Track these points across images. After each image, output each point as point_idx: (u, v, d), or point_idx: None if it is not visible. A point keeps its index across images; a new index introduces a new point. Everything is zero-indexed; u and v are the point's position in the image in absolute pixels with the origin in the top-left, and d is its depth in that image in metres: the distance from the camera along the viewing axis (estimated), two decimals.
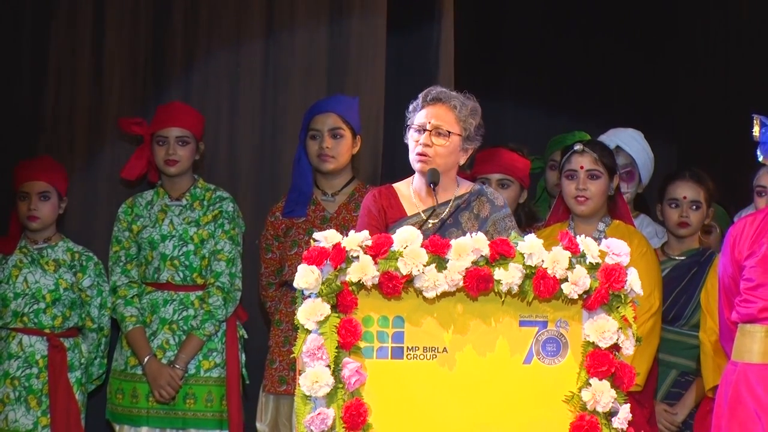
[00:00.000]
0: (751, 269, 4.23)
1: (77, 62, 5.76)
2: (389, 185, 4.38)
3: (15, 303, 5.22)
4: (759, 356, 4.18)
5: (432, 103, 4.26)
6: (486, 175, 5.26)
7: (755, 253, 4.24)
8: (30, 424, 5.17)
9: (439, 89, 4.30)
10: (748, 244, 4.27)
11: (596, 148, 4.92)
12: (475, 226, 4.24)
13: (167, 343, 5.21)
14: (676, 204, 5.23)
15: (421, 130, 4.24)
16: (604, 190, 4.90)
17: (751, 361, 4.19)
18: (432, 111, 4.24)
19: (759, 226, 4.29)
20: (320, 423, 3.62)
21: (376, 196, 4.32)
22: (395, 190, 4.34)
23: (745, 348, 4.22)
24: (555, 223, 5.00)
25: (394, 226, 4.16)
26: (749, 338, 4.21)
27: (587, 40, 7.41)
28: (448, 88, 4.39)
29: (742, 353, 4.23)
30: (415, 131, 4.25)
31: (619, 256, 3.73)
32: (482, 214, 4.30)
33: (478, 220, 4.28)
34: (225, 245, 5.25)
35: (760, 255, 4.22)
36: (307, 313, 3.65)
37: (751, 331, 4.21)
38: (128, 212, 5.33)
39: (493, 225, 4.28)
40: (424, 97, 4.27)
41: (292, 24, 5.95)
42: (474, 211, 4.29)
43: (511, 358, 3.74)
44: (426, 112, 4.24)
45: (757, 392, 4.17)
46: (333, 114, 5.28)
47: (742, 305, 4.24)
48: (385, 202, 4.29)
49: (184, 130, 5.29)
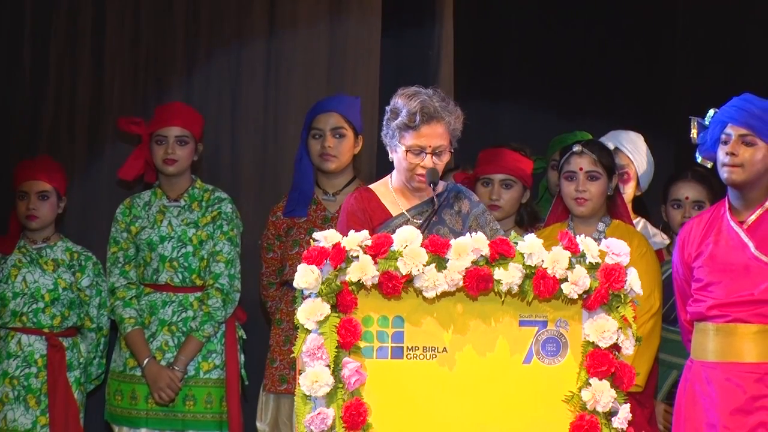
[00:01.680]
0: (699, 269, 4.32)
1: (77, 62, 5.76)
2: (367, 188, 4.35)
3: (14, 302, 5.22)
4: (712, 354, 4.28)
5: (427, 122, 4.16)
6: (489, 176, 5.26)
7: (702, 253, 4.33)
8: (29, 424, 5.17)
9: (429, 104, 4.17)
10: (695, 245, 4.36)
11: (595, 148, 4.92)
12: (458, 222, 4.25)
13: (166, 345, 5.21)
14: (679, 205, 5.25)
15: (419, 152, 4.18)
16: (603, 191, 4.90)
17: (705, 359, 4.30)
18: (429, 131, 4.17)
19: (705, 227, 4.36)
20: (320, 423, 3.62)
21: (357, 198, 4.29)
22: (375, 193, 4.31)
23: (700, 346, 4.33)
24: (554, 223, 5.00)
25: (381, 227, 4.17)
26: (703, 336, 4.31)
27: (587, 39, 7.41)
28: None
29: (697, 351, 4.34)
30: (411, 153, 4.18)
31: (618, 256, 3.73)
32: (463, 210, 4.31)
33: (461, 216, 4.29)
34: (224, 246, 5.24)
35: (707, 255, 4.31)
36: (306, 313, 3.65)
37: (703, 330, 4.31)
38: (126, 213, 5.32)
39: (475, 220, 4.29)
40: (422, 116, 4.15)
41: (293, 24, 5.95)
42: (455, 207, 4.30)
43: (510, 358, 3.73)
44: (423, 133, 4.17)
45: (709, 390, 4.26)
46: (335, 113, 5.28)
47: (693, 305, 4.35)
48: (368, 205, 4.27)
49: (183, 129, 5.28)
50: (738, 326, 4.23)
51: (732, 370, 4.23)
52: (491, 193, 5.23)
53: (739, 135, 4.24)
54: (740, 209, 4.31)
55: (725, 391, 4.22)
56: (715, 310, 4.27)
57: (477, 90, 7.10)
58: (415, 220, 4.21)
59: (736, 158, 4.23)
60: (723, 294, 4.25)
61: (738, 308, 4.23)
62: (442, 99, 4.21)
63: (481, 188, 5.26)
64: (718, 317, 4.26)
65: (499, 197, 5.23)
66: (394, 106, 4.23)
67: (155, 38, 5.85)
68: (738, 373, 4.22)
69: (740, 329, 4.23)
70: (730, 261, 4.26)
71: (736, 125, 4.25)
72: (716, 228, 4.33)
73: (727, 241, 4.28)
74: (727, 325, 4.25)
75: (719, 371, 4.25)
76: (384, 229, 4.04)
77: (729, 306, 4.24)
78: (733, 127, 4.25)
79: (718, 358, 4.26)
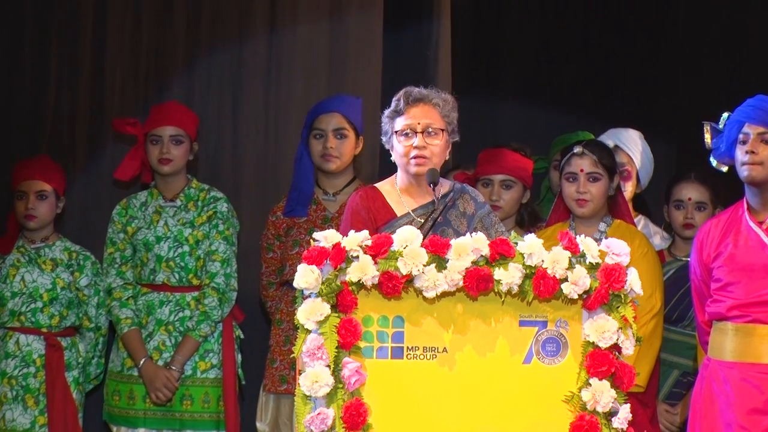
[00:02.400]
0: (719, 269, 4.34)
1: (77, 62, 5.76)
2: (373, 186, 4.34)
3: (12, 302, 5.22)
4: (730, 354, 4.29)
5: (414, 104, 4.19)
6: (489, 176, 5.26)
7: (722, 254, 4.34)
8: (27, 424, 5.17)
9: (416, 90, 4.23)
10: (714, 246, 4.38)
11: (596, 149, 4.92)
12: (463, 224, 4.25)
13: (163, 345, 5.20)
14: (681, 205, 5.26)
15: (410, 133, 4.19)
16: (604, 192, 4.89)
17: (723, 359, 4.31)
18: (417, 112, 4.19)
19: (723, 228, 4.38)
20: (320, 423, 3.62)
21: (362, 197, 4.27)
22: (380, 191, 4.30)
23: (718, 345, 4.34)
24: (556, 224, 5.00)
25: (386, 227, 4.16)
26: (722, 336, 4.32)
27: (587, 38, 7.41)
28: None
29: (715, 351, 4.35)
30: (402, 135, 4.19)
31: (619, 256, 3.72)
32: (468, 211, 4.30)
33: (465, 218, 4.28)
34: (220, 246, 5.23)
35: (726, 255, 4.32)
36: (307, 313, 3.65)
37: (722, 329, 4.32)
38: (122, 214, 5.32)
39: (480, 221, 4.28)
40: (406, 100, 4.20)
41: (294, 23, 5.95)
42: (460, 209, 4.29)
43: (510, 358, 3.73)
44: (411, 114, 4.19)
45: (726, 390, 4.27)
46: (337, 114, 5.28)
47: (713, 305, 4.36)
48: (372, 204, 4.25)
49: (178, 129, 5.27)
50: (757, 327, 4.25)
51: (750, 371, 4.24)
52: (491, 193, 5.23)
53: (757, 133, 4.28)
54: (759, 209, 4.34)
55: (742, 391, 4.24)
56: (736, 311, 4.28)
57: (476, 89, 7.10)
58: (420, 220, 4.21)
59: (756, 156, 4.26)
60: (743, 294, 4.27)
61: (758, 308, 4.25)
62: (431, 88, 4.24)
63: (482, 189, 5.26)
64: (738, 317, 4.27)
65: (499, 197, 5.23)
66: (388, 107, 4.27)
67: (155, 38, 5.84)
68: (756, 374, 4.24)
69: (759, 330, 4.25)
70: (750, 261, 4.28)
71: (753, 124, 4.28)
72: (735, 229, 4.35)
73: (747, 241, 4.31)
74: (746, 326, 4.26)
75: (736, 371, 4.26)
76: (388, 228, 4.03)
77: (749, 306, 4.26)
78: (751, 126, 4.29)
79: (736, 358, 4.27)
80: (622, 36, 7.41)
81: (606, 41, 7.40)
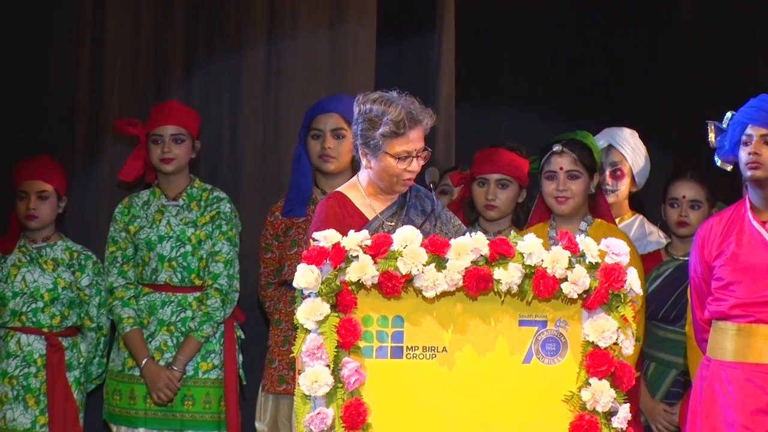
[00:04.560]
0: (721, 268, 4.32)
1: (77, 62, 5.76)
2: (339, 192, 4.30)
3: (13, 302, 5.22)
4: (731, 354, 4.28)
5: (413, 126, 4.15)
6: (485, 176, 5.25)
7: (724, 252, 4.33)
8: (28, 423, 5.17)
9: (411, 108, 4.16)
10: (716, 244, 4.37)
11: (575, 148, 4.91)
12: (426, 222, 4.24)
13: (165, 345, 5.20)
14: (676, 203, 5.25)
15: (407, 157, 4.16)
16: (584, 190, 4.89)
17: (723, 359, 4.30)
18: (414, 135, 4.15)
19: (725, 226, 4.37)
20: (320, 422, 3.62)
21: (333, 204, 4.24)
22: (348, 197, 4.27)
23: (718, 345, 4.32)
24: (537, 223, 5.00)
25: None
26: (722, 335, 4.31)
27: (586, 40, 7.40)
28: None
29: (715, 350, 4.33)
30: (399, 159, 4.15)
31: (618, 255, 3.73)
32: (426, 209, 4.30)
33: (425, 215, 4.28)
34: (223, 246, 5.24)
35: (729, 254, 4.31)
36: (306, 313, 3.65)
37: (723, 329, 4.31)
38: (125, 213, 5.32)
39: (438, 219, 4.28)
40: (409, 122, 4.13)
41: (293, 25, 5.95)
42: (419, 207, 4.30)
43: (510, 357, 3.74)
44: (410, 138, 4.15)
45: (728, 390, 4.25)
46: (335, 114, 5.27)
47: (714, 304, 4.34)
48: (344, 210, 4.24)
49: (179, 128, 5.27)
50: (760, 327, 4.24)
51: (753, 371, 4.23)
52: (487, 192, 5.22)
53: (760, 135, 4.28)
54: (761, 208, 4.33)
55: (745, 392, 4.23)
56: (738, 310, 4.27)
57: (475, 92, 7.10)
58: (389, 223, 4.21)
59: (759, 157, 4.26)
60: (745, 294, 4.26)
61: (761, 308, 4.24)
62: (414, 101, 4.20)
63: (477, 188, 5.26)
64: (741, 317, 4.26)
65: (495, 197, 5.22)
66: (369, 113, 4.17)
67: (155, 38, 5.84)
68: (759, 374, 4.23)
69: (761, 330, 4.24)
70: (753, 261, 4.28)
71: (756, 125, 4.29)
72: (738, 227, 4.35)
73: (749, 240, 4.31)
74: (749, 326, 4.26)
75: (739, 371, 4.25)
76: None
77: (752, 306, 4.25)
78: (754, 128, 4.29)
79: (738, 358, 4.26)
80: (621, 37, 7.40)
81: (606, 42, 7.39)
